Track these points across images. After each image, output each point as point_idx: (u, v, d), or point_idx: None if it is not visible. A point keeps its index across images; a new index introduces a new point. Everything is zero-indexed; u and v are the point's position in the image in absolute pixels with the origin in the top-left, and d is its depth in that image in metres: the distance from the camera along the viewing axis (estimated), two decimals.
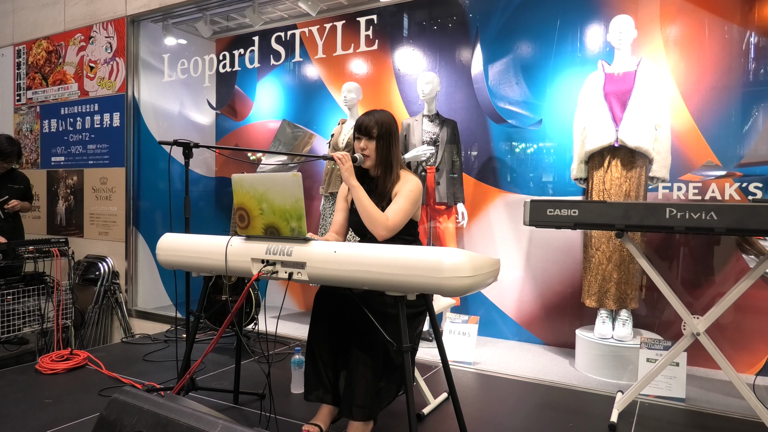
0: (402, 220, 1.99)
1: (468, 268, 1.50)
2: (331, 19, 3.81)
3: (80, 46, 4.74)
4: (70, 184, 4.84)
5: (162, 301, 4.64)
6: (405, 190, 2.03)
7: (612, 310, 2.98)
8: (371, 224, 1.97)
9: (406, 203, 2.00)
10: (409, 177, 2.08)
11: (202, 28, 4.26)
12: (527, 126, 3.63)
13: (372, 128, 2.05)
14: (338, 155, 2.03)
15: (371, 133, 2.06)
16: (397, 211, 1.99)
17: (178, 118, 4.81)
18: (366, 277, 1.60)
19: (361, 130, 2.07)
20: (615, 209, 2.03)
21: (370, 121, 2.06)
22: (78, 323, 4.32)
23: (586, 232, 3.07)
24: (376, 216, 1.96)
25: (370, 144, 2.06)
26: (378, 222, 1.95)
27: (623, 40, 2.97)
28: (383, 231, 1.96)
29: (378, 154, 2.06)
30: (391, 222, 1.96)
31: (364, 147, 2.07)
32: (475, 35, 3.76)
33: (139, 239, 4.53)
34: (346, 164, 2.01)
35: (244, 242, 1.88)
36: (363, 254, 1.62)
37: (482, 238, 3.75)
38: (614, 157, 2.92)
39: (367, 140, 2.07)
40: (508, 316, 3.67)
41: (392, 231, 1.98)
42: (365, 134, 2.06)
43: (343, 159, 2.02)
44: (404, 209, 2.00)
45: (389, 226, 1.96)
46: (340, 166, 2.02)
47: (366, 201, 1.98)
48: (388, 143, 2.06)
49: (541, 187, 3.59)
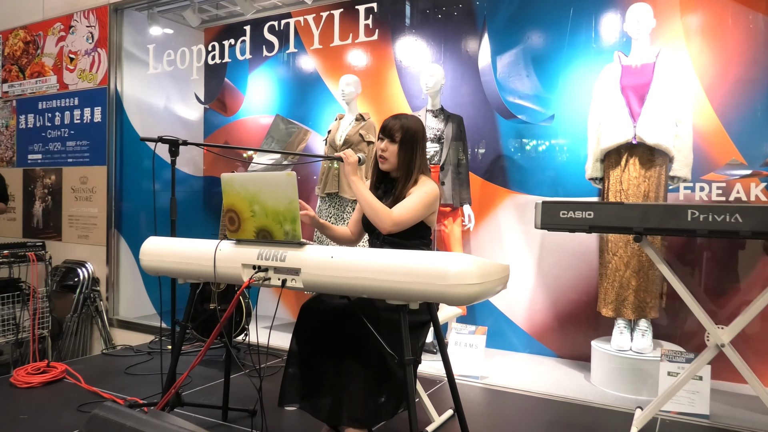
0: (409, 217, 2.02)
1: (475, 274, 1.50)
2: (328, 7, 3.81)
3: (60, 36, 4.75)
4: (48, 183, 4.84)
5: (145, 310, 4.64)
6: (419, 191, 2.07)
7: (630, 320, 2.98)
8: (375, 216, 2.01)
9: (417, 202, 2.04)
10: (428, 182, 2.12)
11: (189, 16, 4.26)
12: (538, 122, 3.63)
13: (396, 132, 2.10)
14: (346, 153, 2.10)
15: (394, 136, 2.10)
16: (405, 207, 2.03)
17: (164, 113, 4.82)
18: (365, 284, 1.60)
19: (385, 131, 2.12)
20: (633, 211, 2.02)
21: (395, 124, 2.11)
22: (55, 333, 4.31)
23: (602, 236, 3.06)
24: (378, 208, 2.00)
25: (391, 147, 2.11)
26: (381, 213, 1.99)
27: (641, 30, 2.97)
28: (387, 223, 1.99)
29: (399, 159, 2.11)
30: (396, 215, 2.00)
31: (384, 149, 2.11)
32: (482, 24, 3.76)
33: (122, 243, 4.53)
34: (351, 158, 2.09)
35: (234, 247, 1.88)
36: (362, 260, 1.62)
37: (490, 242, 3.75)
38: (632, 155, 2.91)
39: (388, 142, 2.11)
40: (518, 327, 3.66)
41: (397, 224, 2.01)
42: (388, 136, 2.11)
43: (349, 155, 2.10)
44: (413, 207, 2.03)
45: (394, 219, 2.00)
46: (345, 161, 2.09)
47: (367, 194, 2.03)
48: (411, 150, 2.11)
49: (554, 188, 3.58)
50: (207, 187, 5.14)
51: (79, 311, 4.36)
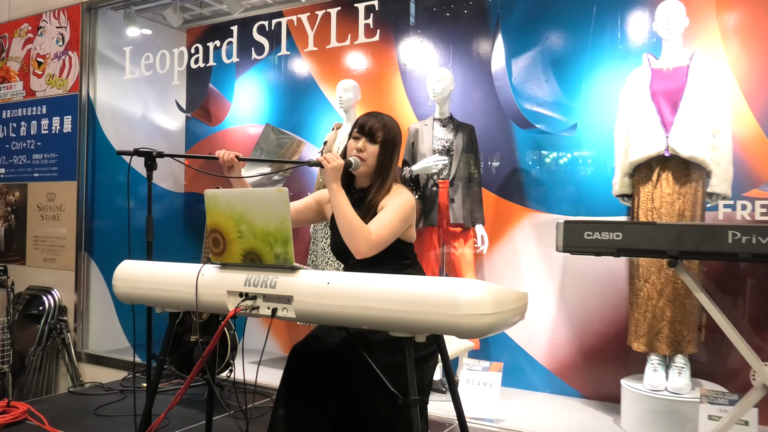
0: (387, 237, 2.01)
1: (489, 303, 1.49)
2: (324, 6, 3.85)
3: (27, 38, 4.81)
4: (11, 200, 4.86)
5: (118, 343, 4.62)
6: (394, 204, 2.05)
7: (665, 356, 2.95)
8: (350, 237, 1.97)
9: (393, 218, 2.02)
10: (402, 191, 2.12)
11: (170, 16, 4.31)
12: (559, 132, 3.64)
13: (377, 131, 2.10)
14: (326, 156, 2.04)
15: (375, 136, 2.11)
16: (382, 225, 2.00)
17: (141, 122, 4.85)
18: (366, 314, 1.59)
19: (364, 130, 2.11)
20: (666, 232, 2.02)
21: (376, 123, 2.11)
22: (17, 369, 4.29)
23: (632, 261, 3.05)
24: (358, 228, 1.97)
25: (370, 147, 2.11)
26: (359, 234, 1.96)
27: (672, 30, 2.99)
28: (364, 246, 1.96)
29: (378, 161, 2.11)
30: (374, 236, 1.97)
31: (362, 149, 2.10)
32: (495, 24, 3.80)
33: (92, 267, 4.53)
34: (333, 163, 2.02)
35: (218, 271, 1.88)
36: (362, 287, 1.61)
37: (506, 266, 3.74)
38: (664, 169, 2.91)
39: (367, 142, 2.11)
40: (538, 363, 3.64)
41: (374, 248, 1.98)
42: (368, 136, 2.11)
43: (330, 159, 2.03)
44: (391, 224, 2.01)
45: (371, 241, 1.96)
46: (325, 165, 2.02)
47: (348, 209, 1.99)
48: (390, 153, 2.12)
49: (577, 206, 3.58)
50: (188, 204, 5.15)
51: (43, 344, 4.35)
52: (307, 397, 1.95)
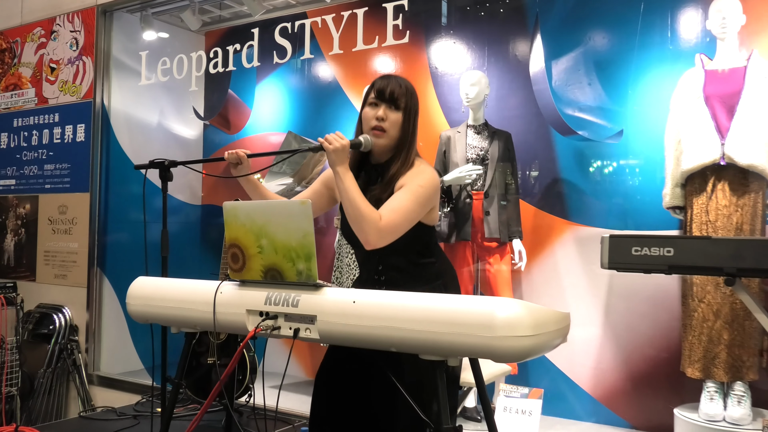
0: (400, 223, 1.90)
1: (528, 324, 1.48)
2: (351, 6, 3.88)
3: (40, 43, 4.93)
4: (22, 213, 4.96)
5: (131, 365, 4.68)
6: (413, 185, 1.94)
7: (723, 383, 2.90)
8: (358, 224, 1.89)
9: (409, 201, 1.91)
10: (424, 168, 2.01)
11: (189, 18, 4.39)
12: (603, 139, 3.62)
13: (400, 97, 2.01)
14: (327, 137, 1.95)
15: (398, 102, 2.01)
16: (394, 210, 1.89)
17: (157, 130, 4.93)
18: (394, 335, 1.59)
19: (384, 95, 2.01)
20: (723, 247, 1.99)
21: (398, 87, 2.01)
22: (26, 391, 4.36)
23: (686, 279, 3.01)
24: (366, 213, 1.87)
25: (393, 115, 2.00)
26: (367, 221, 1.86)
27: (728, 28, 2.96)
28: (373, 234, 1.86)
29: (401, 132, 2.01)
30: (384, 222, 1.87)
31: (383, 117, 1.99)
32: (534, 23, 3.80)
33: (105, 284, 4.60)
34: (335, 144, 1.92)
35: (237, 289, 1.89)
36: (390, 305, 1.61)
37: (546, 284, 3.71)
38: (720, 179, 2.88)
39: (389, 109, 2.01)
40: (582, 390, 3.59)
41: (385, 236, 1.89)
42: (389, 102, 2.01)
43: (332, 139, 1.94)
44: (405, 208, 1.90)
45: (381, 228, 1.87)
46: (326, 147, 1.93)
47: (355, 194, 1.89)
48: (414, 122, 2.03)
49: (623, 218, 3.55)
50: (206, 217, 5.21)
51: (53, 365, 4.41)
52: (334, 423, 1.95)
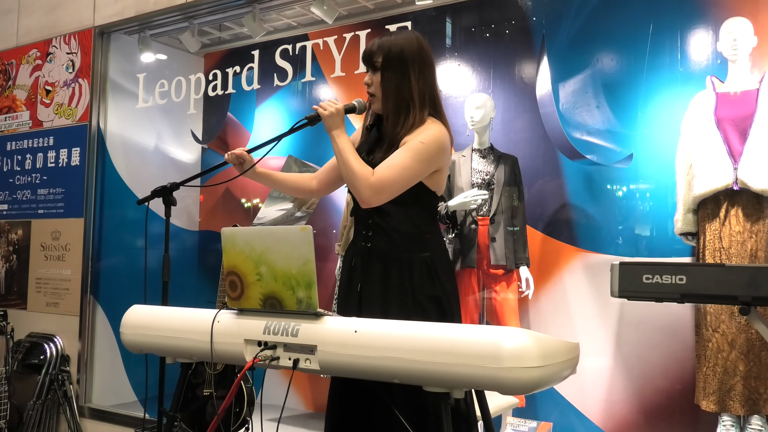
0: (395, 179, 1.91)
1: (536, 355, 1.48)
2: (353, 28, 3.93)
3: (35, 65, 4.98)
4: (14, 239, 4.97)
5: (124, 397, 4.65)
6: (414, 141, 1.94)
7: (739, 417, 2.87)
8: (351, 183, 1.94)
9: (406, 157, 1.91)
10: (430, 125, 1.99)
11: (188, 40, 4.43)
12: (613, 163, 3.63)
13: (375, 56, 2.01)
14: (322, 104, 2.00)
15: (374, 63, 2.02)
16: (389, 166, 1.91)
17: (154, 154, 4.95)
18: (397, 366, 1.59)
19: (366, 59, 2.04)
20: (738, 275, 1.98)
21: (373, 45, 2.02)
22: (14, 424, 4.34)
23: (699, 308, 3.00)
24: (357, 170, 1.91)
25: (374, 77, 2.02)
26: (358, 178, 1.90)
27: (739, 50, 2.98)
28: (366, 190, 1.90)
29: (383, 90, 2.01)
30: (375, 178, 1.90)
31: (369, 82, 2.04)
32: (540, 45, 3.83)
33: (99, 312, 4.59)
34: (329, 109, 1.97)
35: (235, 318, 1.89)
36: (393, 335, 1.61)
37: (554, 313, 3.70)
38: (733, 205, 2.88)
39: (372, 73, 2.03)
40: (592, 423, 3.56)
41: (379, 191, 1.91)
42: (368, 65, 2.04)
43: (326, 105, 1.98)
44: (401, 164, 1.91)
45: (373, 184, 1.89)
46: (322, 113, 1.99)
47: (348, 154, 1.94)
48: (401, 75, 1.99)
49: (634, 245, 3.54)
50: (203, 243, 5.22)
51: (43, 397, 4.39)
52: None
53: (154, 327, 2.05)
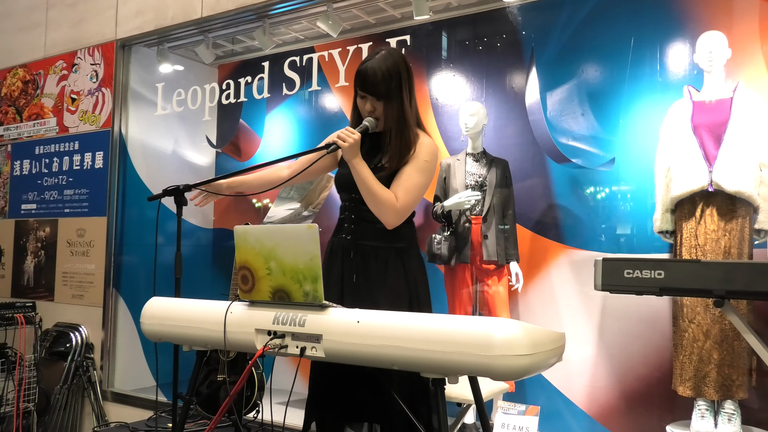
0: (415, 200, 2.00)
1: (525, 344, 1.48)
2: (356, 41, 3.93)
3: (61, 75, 4.98)
4: (42, 236, 4.97)
5: (144, 382, 4.65)
6: (419, 161, 2.00)
7: (713, 401, 2.87)
8: (377, 208, 1.97)
9: (419, 178, 1.99)
10: (424, 140, 2.05)
11: (203, 52, 4.43)
12: (596, 166, 3.62)
13: (378, 85, 2.00)
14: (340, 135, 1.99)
15: (378, 92, 2.01)
16: (408, 190, 1.98)
17: (172, 158, 4.95)
18: (396, 354, 1.59)
19: (366, 86, 2.02)
20: (712, 270, 1.98)
21: (375, 74, 1.99)
22: (42, 407, 4.34)
23: (676, 300, 2.99)
24: (383, 198, 1.95)
25: (379, 106, 2.03)
26: (386, 205, 1.95)
27: (714, 61, 2.98)
28: (393, 217, 1.97)
29: (388, 116, 2.03)
30: (400, 204, 1.97)
31: (372, 109, 2.04)
32: (529, 57, 3.83)
33: (120, 304, 4.59)
34: (349, 140, 1.97)
35: (247, 309, 1.89)
36: (392, 325, 1.61)
37: (542, 305, 3.69)
38: (708, 205, 2.88)
39: (375, 101, 2.03)
40: (576, 407, 3.56)
41: (403, 216, 1.99)
42: (371, 93, 2.02)
43: (345, 137, 1.98)
44: (417, 186, 1.99)
45: (399, 210, 1.96)
46: (342, 144, 1.98)
47: (372, 182, 1.96)
48: (399, 100, 2.02)
49: (616, 242, 3.54)
50: (217, 240, 5.21)
51: (69, 382, 4.40)
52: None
53: (172, 317, 2.05)
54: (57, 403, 4.35)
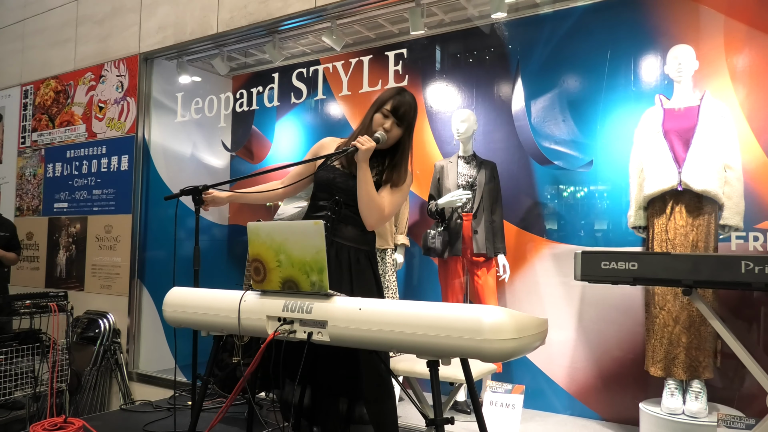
0: (392, 214, 2.16)
1: (511, 328, 1.48)
2: (357, 54, 3.92)
3: (90, 86, 4.97)
4: (73, 232, 4.97)
5: (166, 364, 4.66)
6: (404, 186, 2.18)
7: (682, 381, 2.87)
8: (369, 209, 2.09)
9: (400, 198, 2.17)
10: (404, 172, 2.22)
11: (218, 65, 4.42)
12: (576, 167, 3.62)
13: (407, 116, 2.20)
14: (360, 140, 2.10)
15: (404, 121, 2.20)
16: (392, 204, 2.14)
17: (190, 161, 4.95)
18: (394, 338, 1.59)
19: (398, 113, 2.19)
20: (681, 262, 1.98)
21: (410, 109, 2.21)
22: (73, 387, 4.34)
23: (648, 289, 2.99)
24: (378, 203, 2.09)
25: (396, 130, 2.19)
26: (376, 210, 2.09)
27: (683, 72, 2.97)
28: (377, 221, 2.11)
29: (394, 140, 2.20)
30: (387, 213, 2.12)
31: (389, 129, 2.18)
32: (515, 68, 3.82)
33: (144, 293, 4.60)
34: (366, 145, 2.09)
35: (259, 298, 1.89)
36: (391, 312, 1.61)
37: (527, 294, 3.69)
38: (678, 203, 2.87)
39: (395, 124, 2.18)
40: (558, 386, 3.56)
41: (384, 222, 2.13)
42: (398, 119, 2.19)
43: (364, 141, 2.10)
44: (397, 203, 2.16)
45: (384, 218, 2.11)
46: (360, 147, 2.08)
47: (371, 187, 2.10)
48: (408, 134, 2.24)
49: (594, 237, 3.54)
50: (232, 235, 5.21)
51: (98, 364, 4.40)
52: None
53: (191, 305, 2.05)
54: (87, 383, 4.35)
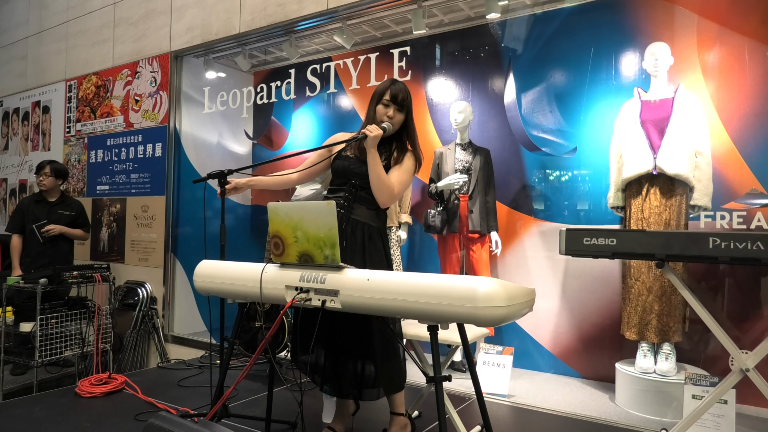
0: (401, 192, 2.13)
1: (502, 297, 1.48)
2: (365, 51, 3.88)
3: (127, 81, 4.95)
4: (113, 211, 5.00)
5: (197, 327, 4.70)
6: (408, 165, 2.16)
7: (653, 344, 2.88)
8: (379, 189, 2.08)
9: (407, 177, 2.15)
10: (408, 153, 2.20)
11: (241, 62, 4.39)
12: (561, 154, 3.59)
13: (405, 101, 2.19)
14: (369, 128, 2.10)
15: (404, 106, 2.18)
16: (401, 183, 2.12)
17: (217, 148, 4.94)
18: (398, 305, 1.59)
19: (397, 100, 2.17)
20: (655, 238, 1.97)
21: (406, 95, 2.19)
22: (116, 347, 4.40)
23: (625, 262, 2.99)
24: (387, 183, 2.08)
25: (398, 116, 2.18)
26: (386, 189, 2.07)
27: (659, 67, 2.93)
28: (388, 199, 2.09)
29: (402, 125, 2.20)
30: (396, 191, 2.10)
31: (392, 116, 2.17)
32: (507, 64, 3.77)
33: (177, 266, 4.62)
34: (375, 132, 2.08)
35: (278, 270, 1.90)
36: (396, 282, 1.61)
37: (517, 267, 3.69)
38: (653, 185, 2.85)
39: (397, 111, 2.17)
40: (544, 348, 3.58)
41: (394, 200, 2.11)
42: (399, 105, 2.17)
43: (373, 129, 2.10)
44: (405, 182, 2.14)
45: (394, 195, 2.09)
46: (369, 134, 2.08)
47: (381, 169, 2.09)
48: (410, 117, 2.22)
49: (577, 216, 3.52)
50: (254, 214, 5.22)
51: (138, 327, 4.45)
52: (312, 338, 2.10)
53: (219, 276, 2.06)
54: (128, 344, 4.40)
